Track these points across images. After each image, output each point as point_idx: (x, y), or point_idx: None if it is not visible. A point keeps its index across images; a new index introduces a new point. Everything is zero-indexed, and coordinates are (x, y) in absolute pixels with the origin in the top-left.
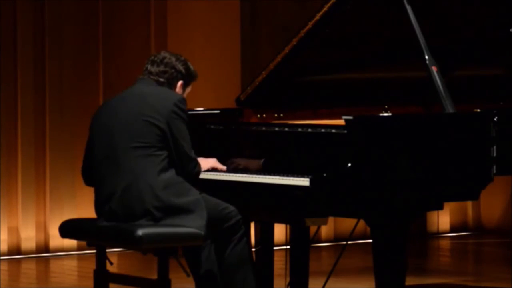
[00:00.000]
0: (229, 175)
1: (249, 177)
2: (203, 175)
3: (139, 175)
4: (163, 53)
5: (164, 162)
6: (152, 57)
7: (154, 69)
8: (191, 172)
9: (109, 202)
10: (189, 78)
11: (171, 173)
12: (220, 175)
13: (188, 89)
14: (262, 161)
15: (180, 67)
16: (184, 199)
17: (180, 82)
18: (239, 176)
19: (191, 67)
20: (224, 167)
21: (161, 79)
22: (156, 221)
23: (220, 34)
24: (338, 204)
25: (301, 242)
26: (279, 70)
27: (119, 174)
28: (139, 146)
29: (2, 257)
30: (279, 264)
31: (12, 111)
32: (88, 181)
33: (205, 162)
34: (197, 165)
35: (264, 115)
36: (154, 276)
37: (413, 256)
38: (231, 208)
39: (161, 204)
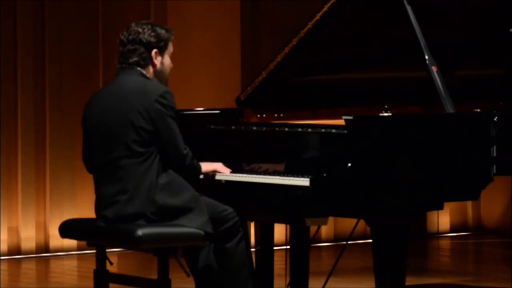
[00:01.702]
0: (229, 175)
1: (249, 177)
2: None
3: (137, 184)
4: (130, 28)
5: (160, 164)
6: (121, 37)
7: (123, 49)
8: (184, 167)
9: (106, 209)
10: (162, 42)
11: (167, 175)
12: (220, 175)
13: (170, 49)
14: (284, 164)
15: (147, 38)
16: (179, 198)
17: (153, 52)
18: (239, 176)
19: (161, 29)
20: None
21: (134, 59)
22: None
23: (220, 34)
24: (338, 204)
25: (301, 242)
26: (279, 70)
27: (115, 182)
28: (133, 154)
29: (2, 257)
30: (279, 264)
31: (12, 111)
32: (90, 169)
33: (209, 166)
34: (189, 158)
35: (264, 115)
36: (154, 276)
37: (413, 256)
38: (230, 210)
39: (156, 209)
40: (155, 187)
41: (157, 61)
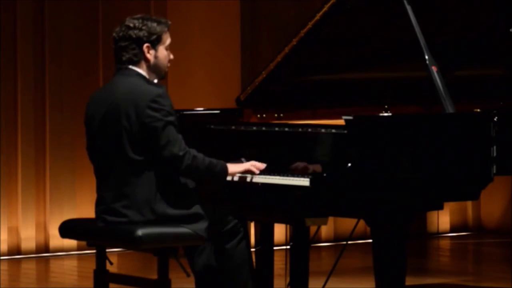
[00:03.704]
0: (265, 177)
1: (249, 177)
2: None
3: (135, 192)
4: (122, 24)
5: (160, 173)
6: (113, 34)
7: (116, 46)
8: (181, 169)
9: (105, 213)
10: (154, 36)
11: (167, 183)
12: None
13: (165, 41)
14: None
15: (137, 33)
16: (179, 209)
17: (145, 46)
18: (239, 176)
19: (152, 22)
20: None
21: (127, 56)
22: None
23: (220, 34)
24: (338, 204)
25: (301, 242)
26: (279, 70)
27: (115, 187)
28: (131, 161)
29: (2, 257)
30: (279, 264)
31: (12, 111)
32: (92, 162)
33: (237, 166)
34: (187, 159)
35: (264, 115)
36: (154, 276)
37: (413, 256)
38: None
39: (156, 217)
40: (154, 196)
41: (150, 55)
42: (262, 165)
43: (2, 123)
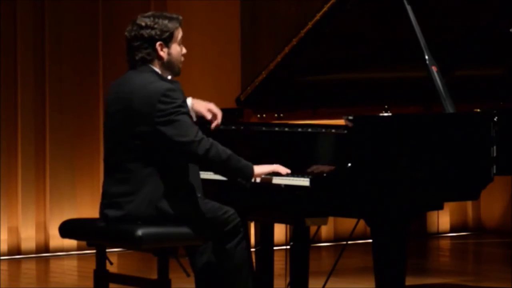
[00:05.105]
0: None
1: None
2: (203, 175)
3: (139, 188)
4: (134, 23)
5: (167, 171)
6: (125, 33)
7: (128, 46)
8: (200, 155)
9: (108, 208)
10: (166, 33)
11: (172, 183)
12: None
13: (177, 38)
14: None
15: (149, 32)
16: (181, 209)
17: (158, 44)
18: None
19: (164, 20)
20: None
21: (140, 55)
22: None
23: (220, 34)
24: (338, 204)
25: (301, 242)
26: (279, 70)
27: (120, 183)
28: (138, 158)
29: (2, 257)
30: (279, 264)
31: (12, 111)
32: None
33: (264, 167)
34: (204, 143)
35: (264, 115)
36: (154, 276)
37: (413, 256)
38: (231, 211)
39: (157, 214)
40: (159, 193)
41: (164, 53)
42: (287, 170)
43: (2, 123)
